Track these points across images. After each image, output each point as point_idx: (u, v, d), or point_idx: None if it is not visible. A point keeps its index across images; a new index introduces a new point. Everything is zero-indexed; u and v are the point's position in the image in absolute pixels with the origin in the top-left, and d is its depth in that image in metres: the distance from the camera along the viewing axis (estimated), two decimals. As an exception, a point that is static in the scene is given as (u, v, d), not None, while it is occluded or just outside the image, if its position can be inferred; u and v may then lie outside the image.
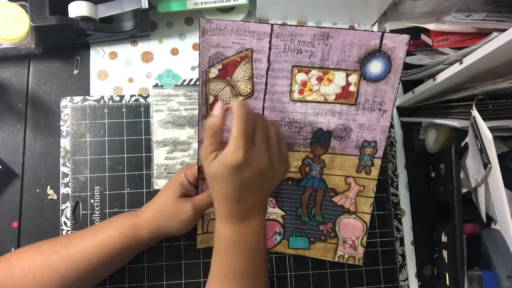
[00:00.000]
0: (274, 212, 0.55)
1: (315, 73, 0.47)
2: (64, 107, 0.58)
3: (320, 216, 0.54)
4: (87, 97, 0.59)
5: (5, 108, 0.58)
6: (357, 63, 0.46)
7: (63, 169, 0.57)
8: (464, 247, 0.49)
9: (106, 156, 0.57)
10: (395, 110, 0.62)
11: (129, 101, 0.59)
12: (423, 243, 0.59)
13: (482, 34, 0.47)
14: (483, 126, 0.43)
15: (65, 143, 0.57)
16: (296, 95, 0.48)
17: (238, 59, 0.46)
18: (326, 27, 0.45)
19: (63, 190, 0.56)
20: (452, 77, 0.48)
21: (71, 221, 0.55)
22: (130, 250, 0.49)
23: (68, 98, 0.59)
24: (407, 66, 0.59)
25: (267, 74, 0.47)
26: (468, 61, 0.44)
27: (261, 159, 0.41)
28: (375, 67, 0.46)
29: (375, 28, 0.64)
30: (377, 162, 0.51)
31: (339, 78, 0.47)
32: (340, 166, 0.52)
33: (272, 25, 0.45)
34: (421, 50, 0.59)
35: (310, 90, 0.48)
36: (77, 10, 0.56)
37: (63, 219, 0.56)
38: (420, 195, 0.60)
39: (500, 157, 0.43)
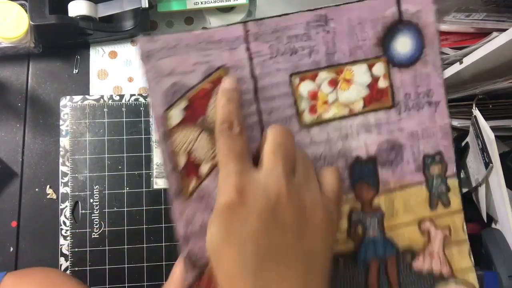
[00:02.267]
0: None
1: (324, 76, 0.32)
2: (64, 106, 0.58)
3: None
4: (86, 96, 0.59)
5: (5, 107, 0.58)
6: (377, 46, 0.33)
7: (62, 168, 0.56)
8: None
9: (106, 156, 0.57)
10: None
11: (128, 100, 0.59)
12: (423, 243, 0.59)
13: (482, 34, 0.47)
14: (485, 126, 0.43)
15: (64, 142, 0.57)
16: (307, 117, 0.32)
17: (209, 86, 0.30)
18: (321, 7, 0.32)
19: (62, 189, 0.56)
20: (452, 77, 0.48)
21: (70, 220, 0.55)
22: None
23: (68, 97, 0.58)
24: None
25: (256, 97, 0.31)
26: (468, 61, 0.44)
27: (300, 194, 0.26)
28: (403, 45, 0.33)
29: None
30: (454, 183, 0.34)
31: (360, 74, 0.33)
32: (405, 207, 0.34)
33: (244, 23, 0.31)
34: (421, 50, 0.59)
35: (326, 103, 0.33)
36: (77, 9, 0.55)
37: (62, 218, 0.55)
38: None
39: (501, 156, 0.43)
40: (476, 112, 0.44)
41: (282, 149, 0.27)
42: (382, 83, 0.33)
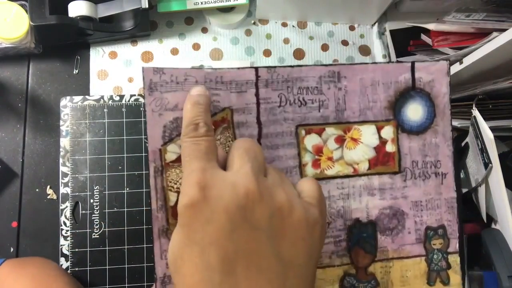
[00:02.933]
0: None
1: (331, 131, 0.32)
2: (64, 106, 0.58)
3: None
4: (87, 96, 0.59)
5: (5, 107, 0.58)
6: (388, 109, 0.33)
7: (62, 168, 0.57)
8: (465, 247, 0.49)
9: (106, 156, 0.57)
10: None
11: (129, 100, 0.59)
12: (423, 243, 0.59)
13: (482, 34, 0.47)
14: (484, 126, 0.43)
15: (64, 142, 0.57)
16: (310, 170, 0.32)
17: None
18: (335, 64, 0.32)
19: (62, 190, 0.56)
20: (452, 77, 0.48)
21: (70, 221, 0.55)
22: None
23: (68, 97, 0.58)
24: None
25: (259, 143, 0.31)
26: (468, 61, 0.44)
27: (274, 194, 0.24)
28: (415, 112, 0.33)
29: (375, 29, 0.64)
30: (455, 260, 0.33)
31: (368, 135, 0.32)
32: (401, 279, 0.33)
33: (256, 69, 0.31)
34: (421, 50, 0.59)
35: (330, 159, 0.32)
36: (77, 9, 0.55)
37: (62, 219, 0.55)
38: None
39: (501, 156, 0.43)
40: (475, 112, 0.44)
41: (251, 152, 0.25)
42: (390, 147, 0.33)
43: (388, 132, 0.33)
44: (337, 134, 0.32)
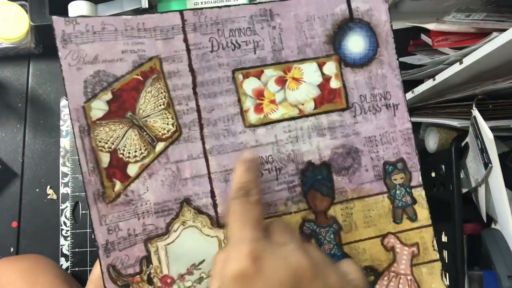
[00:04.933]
0: None
1: (270, 73, 0.30)
2: (64, 106, 0.58)
3: None
4: (87, 96, 0.59)
5: (5, 107, 0.58)
6: (327, 44, 0.31)
7: (62, 169, 0.57)
8: (464, 247, 0.49)
9: (106, 156, 0.57)
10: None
11: (129, 101, 0.59)
12: (423, 243, 0.59)
13: (482, 34, 0.47)
14: (484, 126, 0.43)
15: (65, 142, 0.57)
16: (252, 116, 0.30)
17: (140, 77, 0.28)
18: (265, 1, 0.30)
19: (62, 190, 0.56)
20: (452, 77, 0.48)
21: (70, 221, 0.55)
22: None
23: (68, 97, 0.58)
24: (407, 66, 0.59)
25: (195, 93, 0.29)
26: (468, 61, 0.44)
27: (327, 274, 0.23)
28: (356, 44, 0.31)
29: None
30: (420, 194, 0.31)
31: (310, 73, 0.31)
32: (365, 220, 0.31)
33: (181, 12, 0.29)
34: (421, 50, 0.59)
35: (273, 102, 0.30)
36: (77, 9, 0.55)
37: (62, 219, 0.55)
38: (420, 195, 0.60)
39: (501, 157, 0.43)
40: (475, 112, 0.44)
41: (289, 230, 0.26)
42: (335, 83, 0.31)
43: (330, 68, 0.31)
44: (277, 75, 0.30)
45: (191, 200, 0.29)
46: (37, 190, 0.56)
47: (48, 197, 0.56)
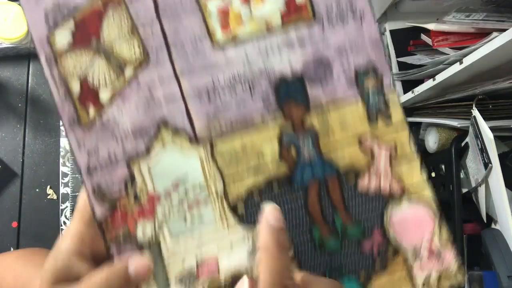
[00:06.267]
0: None
1: None
2: (64, 106, 0.58)
3: (354, 225, 0.32)
4: (87, 96, 0.59)
5: (5, 107, 0.58)
6: None
7: (62, 169, 0.57)
8: (465, 247, 0.49)
9: (106, 156, 0.57)
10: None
11: (129, 101, 0.59)
12: (423, 243, 0.59)
13: (482, 34, 0.47)
14: (484, 126, 0.43)
15: (65, 142, 0.57)
16: (220, 35, 0.30)
17: (101, 4, 0.28)
18: None
19: (62, 189, 0.56)
20: (452, 77, 0.48)
21: (70, 221, 0.55)
22: None
23: (68, 97, 0.59)
24: (407, 66, 0.59)
25: (158, 16, 0.29)
26: (468, 61, 0.44)
27: None
28: None
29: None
30: (393, 97, 0.32)
31: None
32: (341, 124, 0.32)
33: None
34: (421, 50, 0.59)
35: (239, 19, 0.30)
36: (77, 9, 0.55)
37: (62, 219, 0.55)
38: (420, 195, 0.60)
39: (501, 156, 0.43)
40: (475, 112, 0.44)
41: None
42: None
43: None
44: None
45: (167, 121, 0.29)
46: (37, 190, 0.56)
47: (48, 197, 0.56)
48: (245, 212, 0.30)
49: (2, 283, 0.36)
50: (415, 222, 0.31)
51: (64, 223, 0.55)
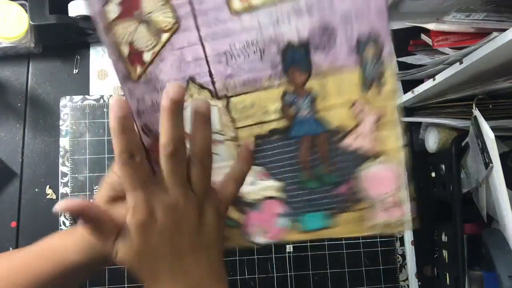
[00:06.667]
0: (269, 185, 0.39)
1: None
2: (64, 106, 0.58)
3: (332, 175, 0.38)
4: (86, 96, 0.59)
5: (4, 107, 0.58)
6: None
7: (62, 168, 0.56)
8: (465, 247, 0.49)
9: (105, 156, 0.57)
10: (395, 110, 0.61)
11: (128, 100, 0.59)
12: (423, 243, 0.59)
13: (482, 34, 0.47)
14: (485, 126, 0.43)
15: (64, 142, 0.57)
16: (237, 4, 0.33)
17: None
18: None
19: (62, 189, 0.56)
20: (452, 77, 0.48)
21: (70, 221, 0.55)
22: (61, 279, 0.39)
23: (68, 97, 0.58)
24: (407, 66, 0.59)
25: None
26: (468, 61, 0.44)
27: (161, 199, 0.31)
28: None
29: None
30: (390, 65, 0.34)
31: None
32: (338, 90, 0.35)
33: None
34: (421, 50, 0.59)
35: None
36: (77, 9, 0.55)
37: (62, 219, 0.55)
38: (420, 195, 0.60)
39: (501, 156, 0.43)
40: (476, 112, 0.44)
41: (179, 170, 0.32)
42: None
43: None
44: None
45: (195, 78, 0.35)
46: (36, 190, 0.56)
47: (48, 197, 0.56)
48: None
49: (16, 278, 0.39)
50: (383, 179, 0.37)
51: (64, 223, 0.55)
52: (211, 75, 0.35)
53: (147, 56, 0.34)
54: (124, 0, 0.32)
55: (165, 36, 0.34)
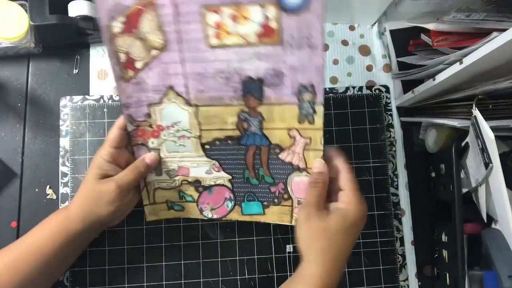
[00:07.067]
0: (220, 176, 0.51)
1: (227, 11, 0.41)
2: (64, 106, 0.58)
3: (269, 177, 0.51)
4: (86, 96, 0.59)
5: (5, 107, 0.58)
6: None
7: (62, 168, 0.56)
8: (465, 247, 0.49)
9: (106, 156, 0.57)
10: (394, 110, 0.62)
11: (128, 100, 0.59)
12: (423, 243, 0.59)
13: (482, 34, 0.47)
14: (485, 126, 0.43)
15: (64, 142, 0.57)
16: (213, 40, 0.43)
17: (141, 7, 0.42)
18: None
19: (62, 189, 0.56)
20: (452, 77, 0.48)
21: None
22: (67, 245, 0.47)
23: (68, 97, 0.58)
24: (407, 66, 0.59)
25: (175, 20, 0.42)
26: (468, 61, 0.44)
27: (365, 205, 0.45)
28: None
29: (375, 28, 0.64)
30: (319, 109, 0.44)
31: (255, 14, 0.41)
32: (280, 117, 0.47)
33: None
34: (421, 50, 0.59)
35: (227, 32, 0.42)
36: (77, 9, 0.55)
37: (62, 219, 0.55)
38: (420, 195, 0.60)
39: (501, 156, 0.43)
40: (476, 112, 0.44)
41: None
42: (273, 24, 0.42)
43: (271, 11, 0.41)
44: (231, 13, 0.41)
45: (173, 87, 0.46)
46: (36, 190, 0.56)
47: (48, 197, 0.56)
48: (209, 149, 0.50)
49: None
50: (305, 186, 0.48)
51: (64, 223, 0.55)
52: (186, 87, 0.46)
53: (138, 64, 0.45)
54: (127, 20, 0.42)
55: (155, 52, 0.44)
